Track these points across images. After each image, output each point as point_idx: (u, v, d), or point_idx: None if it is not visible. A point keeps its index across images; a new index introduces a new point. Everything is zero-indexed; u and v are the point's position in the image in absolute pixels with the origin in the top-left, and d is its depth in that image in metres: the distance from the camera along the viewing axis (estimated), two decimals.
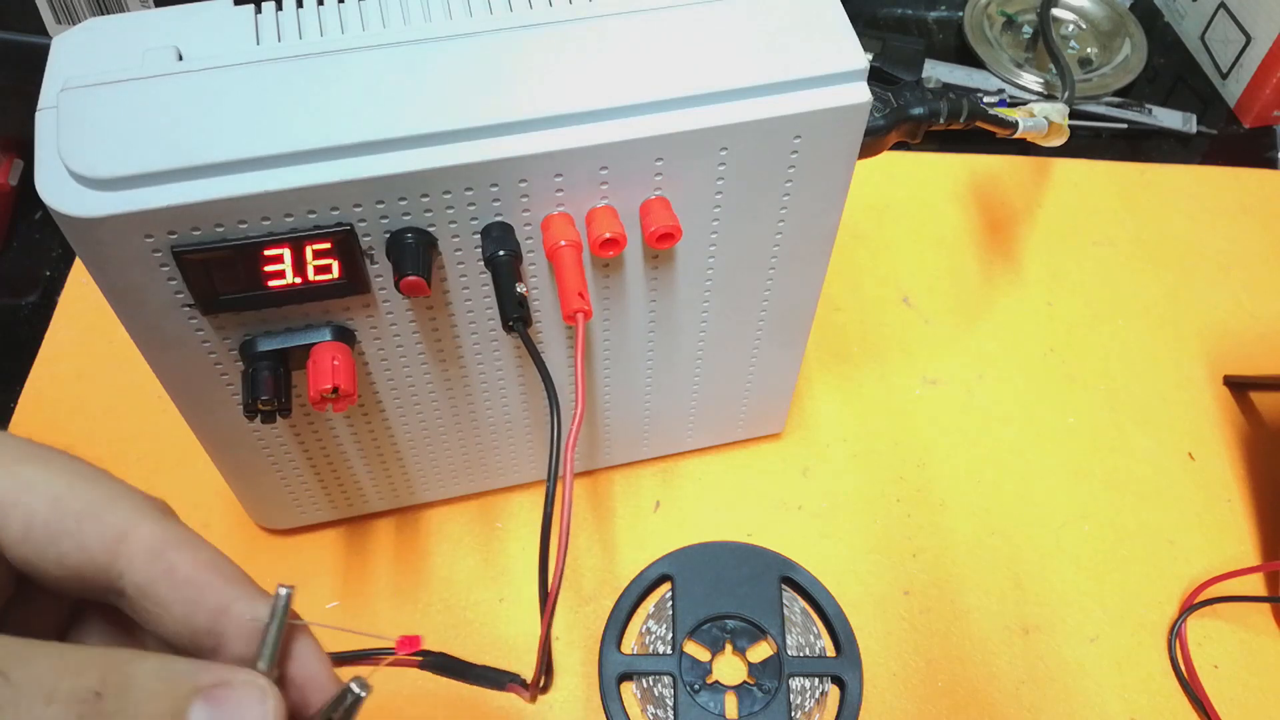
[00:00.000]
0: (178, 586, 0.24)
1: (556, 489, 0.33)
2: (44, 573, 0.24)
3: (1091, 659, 0.47)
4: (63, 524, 0.23)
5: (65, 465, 0.24)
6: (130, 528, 0.24)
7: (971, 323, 0.59)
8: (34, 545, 0.23)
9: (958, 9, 0.74)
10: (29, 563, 0.24)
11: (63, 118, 0.32)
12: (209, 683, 0.22)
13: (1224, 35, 0.69)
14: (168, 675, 0.22)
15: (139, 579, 0.24)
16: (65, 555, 0.24)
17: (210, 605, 0.24)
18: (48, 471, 0.24)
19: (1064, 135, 0.51)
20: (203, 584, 0.24)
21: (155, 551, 0.24)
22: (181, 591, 0.24)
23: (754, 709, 0.45)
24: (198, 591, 0.24)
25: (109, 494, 0.24)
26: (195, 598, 0.24)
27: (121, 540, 0.24)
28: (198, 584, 0.24)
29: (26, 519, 0.23)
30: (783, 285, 0.43)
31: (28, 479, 0.24)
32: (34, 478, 0.24)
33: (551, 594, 0.32)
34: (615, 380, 0.46)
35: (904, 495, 0.52)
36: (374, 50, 0.34)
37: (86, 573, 0.24)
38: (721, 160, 0.36)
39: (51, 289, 0.59)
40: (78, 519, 0.24)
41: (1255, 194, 0.65)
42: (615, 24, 0.35)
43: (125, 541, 0.24)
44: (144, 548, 0.24)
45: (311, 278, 0.35)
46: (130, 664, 0.22)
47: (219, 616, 0.24)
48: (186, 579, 0.24)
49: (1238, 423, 0.55)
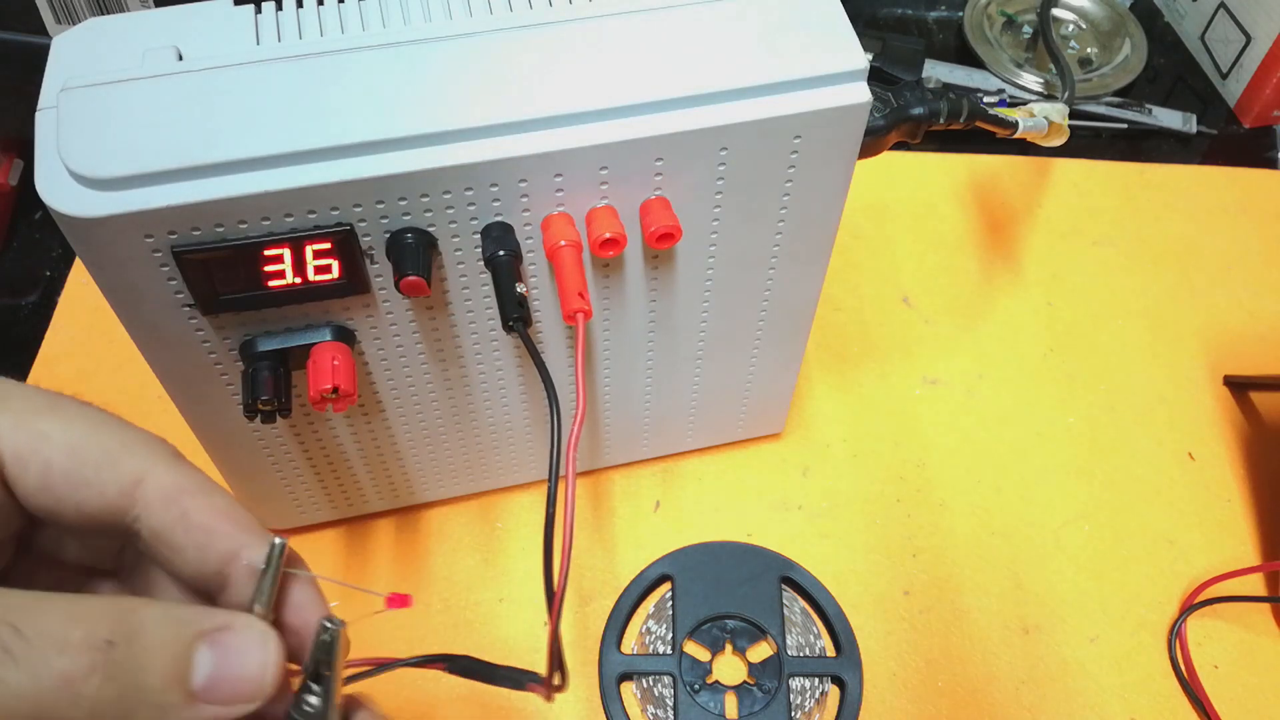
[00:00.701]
0: (191, 532, 0.25)
1: (559, 489, 0.33)
2: (63, 520, 0.24)
3: (1091, 659, 0.47)
4: (81, 473, 0.24)
5: (79, 413, 0.25)
6: (145, 473, 0.25)
7: (971, 323, 0.59)
8: (53, 494, 0.24)
9: (958, 9, 0.74)
10: (49, 511, 0.24)
11: (63, 118, 0.32)
12: (212, 627, 0.23)
13: (1224, 35, 0.69)
14: (174, 621, 0.23)
15: (154, 524, 0.25)
16: (84, 503, 0.24)
17: (221, 551, 0.25)
18: (63, 421, 0.25)
19: (1064, 135, 0.51)
20: (214, 530, 0.25)
21: (170, 497, 0.25)
22: (194, 537, 0.25)
23: (754, 709, 0.45)
24: (209, 538, 0.25)
25: (124, 441, 0.25)
26: (207, 543, 0.25)
27: (137, 485, 0.25)
28: (210, 530, 0.25)
29: (44, 470, 0.24)
30: (783, 285, 0.43)
31: (44, 430, 0.24)
32: (50, 429, 0.24)
33: (558, 592, 0.32)
34: (615, 380, 0.46)
35: (904, 495, 0.52)
36: (374, 50, 0.34)
37: (104, 518, 0.25)
38: (721, 160, 0.36)
39: (51, 289, 0.59)
40: (95, 468, 0.24)
41: (1255, 194, 0.65)
42: (615, 24, 0.35)
43: (141, 486, 0.25)
44: (159, 493, 0.25)
45: (311, 278, 0.35)
46: (138, 612, 0.22)
47: (229, 562, 0.25)
48: (200, 525, 0.25)
49: (1238, 423, 0.55)
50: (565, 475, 0.33)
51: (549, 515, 0.32)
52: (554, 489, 0.33)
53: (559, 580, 0.32)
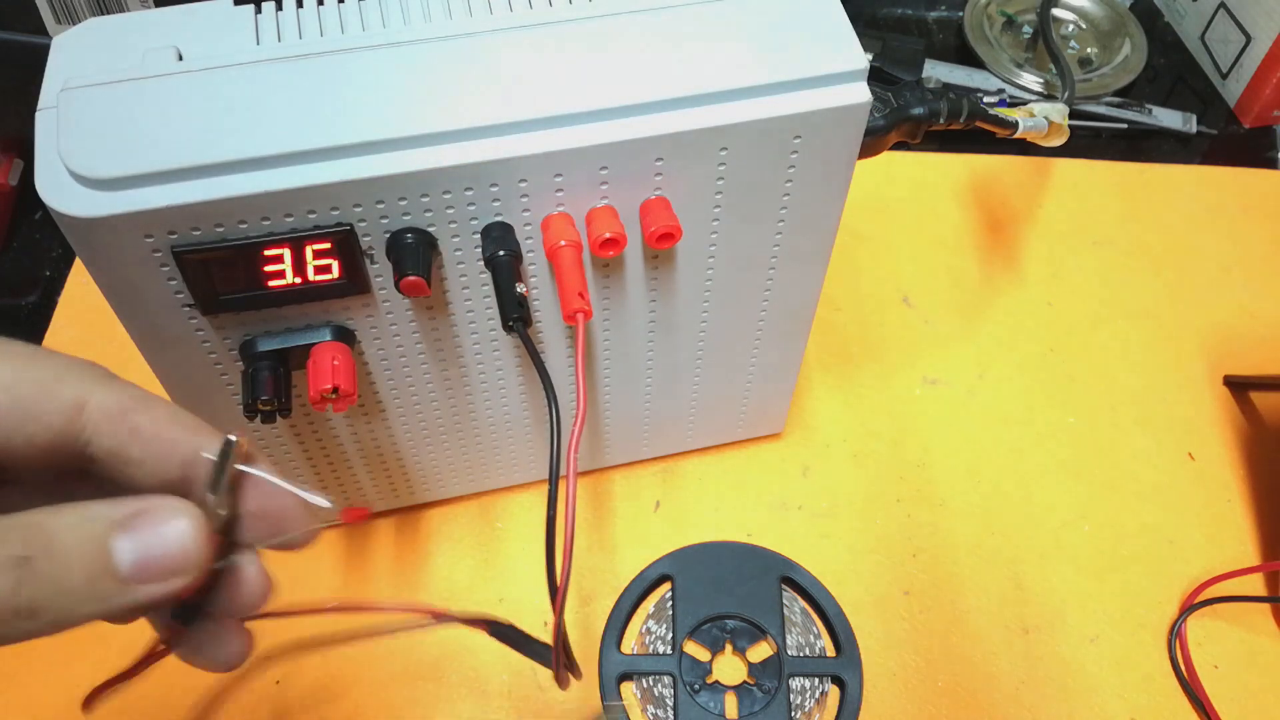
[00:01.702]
0: (145, 444, 0.26)
1: (559, 489, 0.33)
2: (17, 455, 0.25)
3: (1091, 659, 0.47)
4: (22, 408, 0.25)
5: (9, 351, 0.25)
6: (86, 396, 0.25)
7: (971, 323, 0.59)
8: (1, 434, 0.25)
9: (958, 9, 0.74)
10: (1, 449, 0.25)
11: (63, 118, 0.32)
12: (126, 514, 0.24)
13: (1224, 35, 0.69)
14: (85, 520, 0.24)
15: (106, 444, 0.25)
16: (33, 436, 0.25)
17: (178, 456, 0.26)
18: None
19: (1064, 135, 0.51)
20: (167, 438, 0.26)
21: (115, 416, 0.26)
22: (148, 448, 0.26)
23: (754, 709, 0.45)
24: (162, 445, 0.26)
25: (57, 371, 0.25)
26: (161, 451, 0.26)
27: (81, 410, 0.25)
28: (163, 439, 0.26)
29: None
30: (783, 285, 0.43)
31: None
32: None
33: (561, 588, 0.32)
34: (615, 380, 0.46)
35: (904, 495, 0.52)
36: (374, 50, 0.34)
37: (56, 447, 0.25)
38: (721, 160, 0.36)
39: (51, 289, 0.59)
40: (34, 400, 0.25)
41: (1255, 194, 0.65)
42: (615, 24, 0.35)
43: (85, 410, 0.25)
44: (104, 414, 0.25)
45: (311, 278, 0.35)
46: (48, 521, 0.23)
47: (188, 465, 0.26)
48: (152, 435, 0.26)
49: (1238, 423, 0.55)
50: (566, 475, 0.33)
51: (550, 516, 0.32)
52: (554, 490, 0.33)
53: (560, 578, 0.32)
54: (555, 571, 0.33)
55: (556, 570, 0.33)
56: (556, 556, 0.33)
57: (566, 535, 0.32)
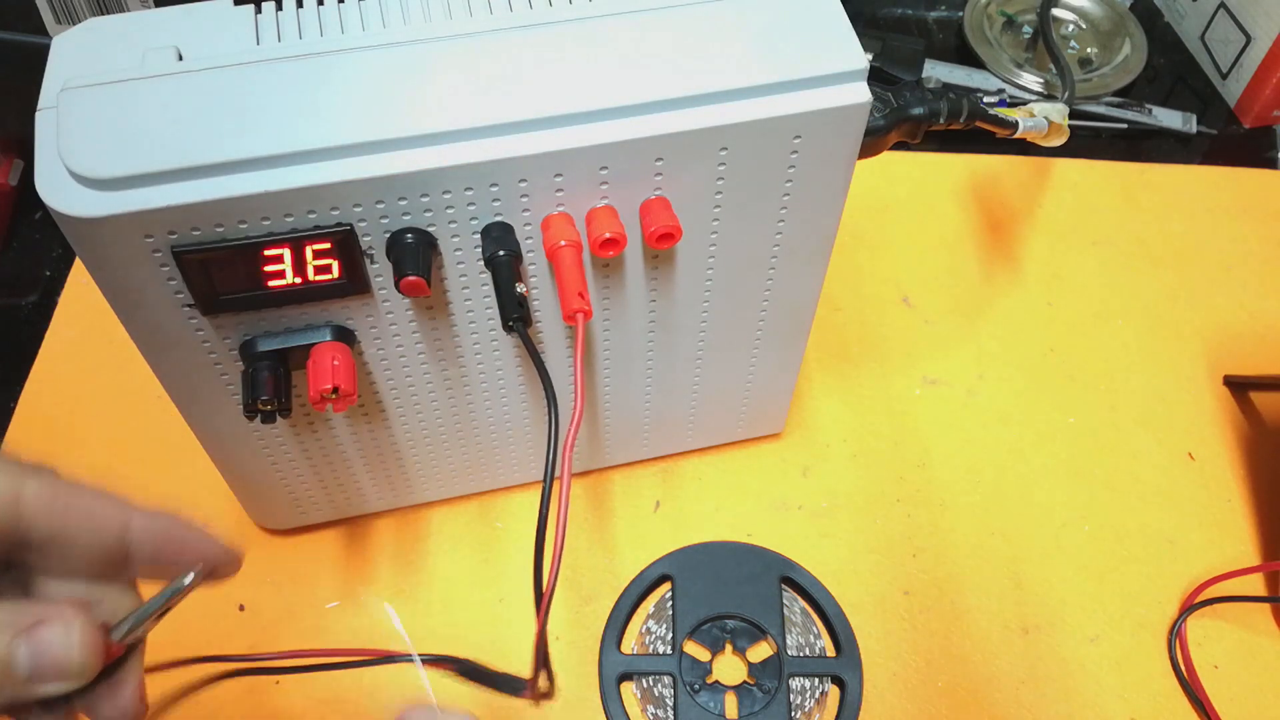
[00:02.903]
0: (79, 519, 0.28)
1: (553, 489, 0.33)
2: None
3: (1091, 659, 0.47)
4: None
5: None
6: (19, 489, 0.27)
7: (971, 323, 0.59)
8: None
9: (958, 9, 0.74)
10: None
11: (63, 118, 0.32)
12: (29, 623, 0.26)
13: (1224, 35, 0.69)
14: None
15: (43, 527, 0.27)
16: None
17: (113, 525, 0.28)
18: None
19: (1064, 135, 0.51)
20: (98, 511, 0.28)
21: (48, 500, 0.28)
22: (83, 523, 0.28)
23: (754, 709, 0.45)
24: (96, 518, 0.28)
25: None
26: (96, 525, 0.28)
27: (16, 502, 0.27)
28: (94, 512, 0.28)
29: None
30: (783, 285, 0.43)
31: None
32: None
33: (546, 594, 0.32)
34: (615, 380, 0.46)
35: (904, 495, 0.52)
36: (374, 50, 0.34)
37: None
38: (721, 160, 0.36)
39: (51, 289, 0.59)
40: None
41: (1255, 194, 0.65)
42: (615, 24, 0.35)
43: (20, 502, 0.27)
44: (39, 502, 0.27)
45: (311, 278, 0.35)
46: None
47: (122, 533, 0.29)
48: (85, 510, 0.28)
49: (1238, 423, 0.55)
50: (561, 475, 0.33)
51: (541, 515, 0.32)
52: (548, 489, 0.33)
53: (548, 582, 0.32)
54: (543, 575, 0.33)
55: (546, 571, 0.33)
56: (547, 556, 0.32)
57: (557, 539, 0.32)
